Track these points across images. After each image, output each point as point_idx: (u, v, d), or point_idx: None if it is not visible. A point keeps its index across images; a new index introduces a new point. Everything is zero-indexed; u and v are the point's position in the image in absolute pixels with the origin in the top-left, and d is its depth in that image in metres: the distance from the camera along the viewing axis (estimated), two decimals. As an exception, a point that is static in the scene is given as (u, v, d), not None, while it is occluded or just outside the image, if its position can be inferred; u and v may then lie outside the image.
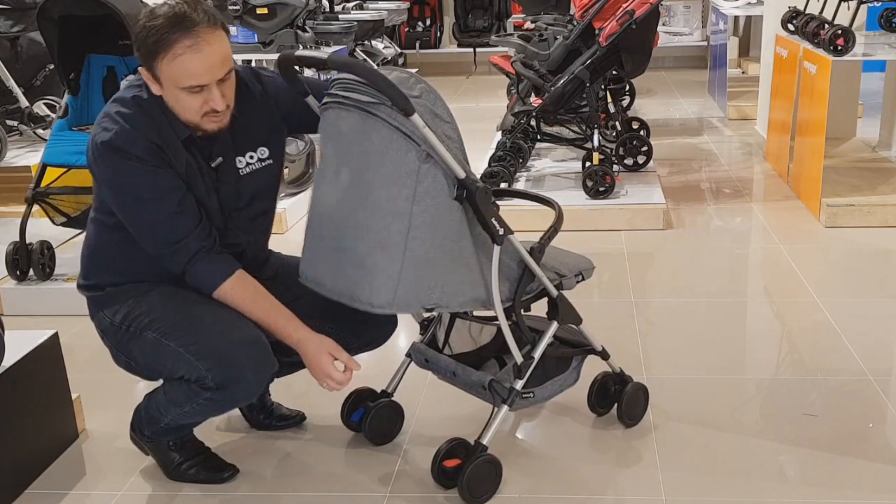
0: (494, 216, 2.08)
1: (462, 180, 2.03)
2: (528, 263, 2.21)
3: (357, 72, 2.00)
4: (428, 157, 1.99)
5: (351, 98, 2.03)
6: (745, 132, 6.31)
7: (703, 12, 8.97)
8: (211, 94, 2.11)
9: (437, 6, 9.66)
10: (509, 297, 2.21)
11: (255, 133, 2.32)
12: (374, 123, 1.99)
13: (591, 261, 2.45)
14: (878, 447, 2.46)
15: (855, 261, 3.88)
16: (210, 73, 2.09)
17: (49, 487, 2.42)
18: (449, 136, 2.03)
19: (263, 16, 4.86)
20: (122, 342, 2.27)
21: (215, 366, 2.14)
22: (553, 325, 2.33)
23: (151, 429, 2.36)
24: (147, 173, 2.14)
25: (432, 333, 2.49)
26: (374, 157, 2.01)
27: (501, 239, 2.11)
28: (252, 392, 2.25)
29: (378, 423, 2.54)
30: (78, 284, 2.37)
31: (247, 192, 2.32)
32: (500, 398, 2.25)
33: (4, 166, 4.80)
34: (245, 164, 2.30)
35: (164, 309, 2.24)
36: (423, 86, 2.03)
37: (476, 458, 2.23)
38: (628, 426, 2.58)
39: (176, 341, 2.18)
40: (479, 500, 2.25)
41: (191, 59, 2.05)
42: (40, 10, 3.41)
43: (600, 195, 4.45)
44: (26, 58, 5.32)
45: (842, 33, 4.23)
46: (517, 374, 2.26)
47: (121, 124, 2.14)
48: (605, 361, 2.54)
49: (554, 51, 4.55)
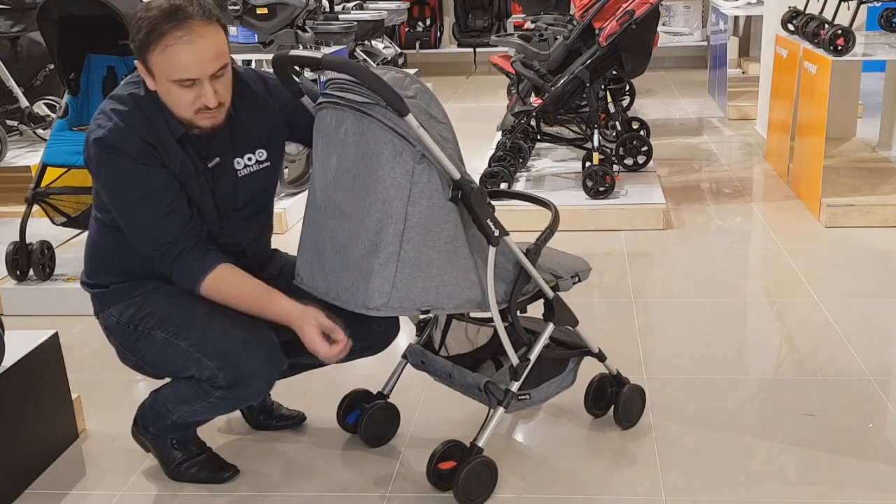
0: (490, 217, 2.07)
1: (457, 181, 2.03)
2: (524, 265, 2.20)
3: (351, 72, 2.00)
4: (422, 158, 1.98)
5: (346, 98, 2.03)
6: (745, 132, 6.31)
7: (703, 12, 8.97)
8: (203, 90, 2.10)
9: (437, 6, 9.66)
10: (505, 298, 2.21)
11: (256, 135, 2.31)
12: (369, 124, 1.99)
13: (587, 262, 2.44)
14: (878, 447, 2.46)
15: (855, 261, 3.88)
16: (201, 67, 2.07)
17: (49, 487, 2.42)
18: (444, 137, 2.02)
19: (263, 16, 4.86)
20: (129, 341, 2.27)
21: (226, 365, 2.15)
22: (549, 326, 2.32)
23: (157, 426, 2.36)
24: (138, 171, 2.13)
25: (429, 335, 2.49)
26: (368, 158, 2.00)
27: (497, 240, 2.10)
28: (262, 391, 2.25)
29: (374, 425, 2.54)
30: (81, 282, 2.37)
31: (244, 194, 2.31)
32: (496, 400, 2.25)
33: (4, 166, 4.81)
34: (243, 165, 2.30)
35: (172, 308, 2.23)
36: (418, 86, 2.03)
37: (471, 461, 2.22)
38: (625, 428, 2.57)
39: (186, 341, 2.18)
40: (474, 502, 2.25)
41: (181, 51, 2.04)
42: (40, 10, 3.41)
43: (600, 195, 4.45)
44: (26, 58, 5.32)
45: (842, 33, 4.23)
46: (513, 375, 2.26)
47: (115, 121, 2.13)
48: (601, 363, 2.54)
49: (554, 51, 4.55)
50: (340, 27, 5.41)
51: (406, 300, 2.05)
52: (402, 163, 1.98)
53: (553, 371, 2.37)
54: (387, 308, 2.05)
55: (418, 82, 2.04)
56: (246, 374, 2.16)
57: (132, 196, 2.15)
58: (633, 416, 2.59)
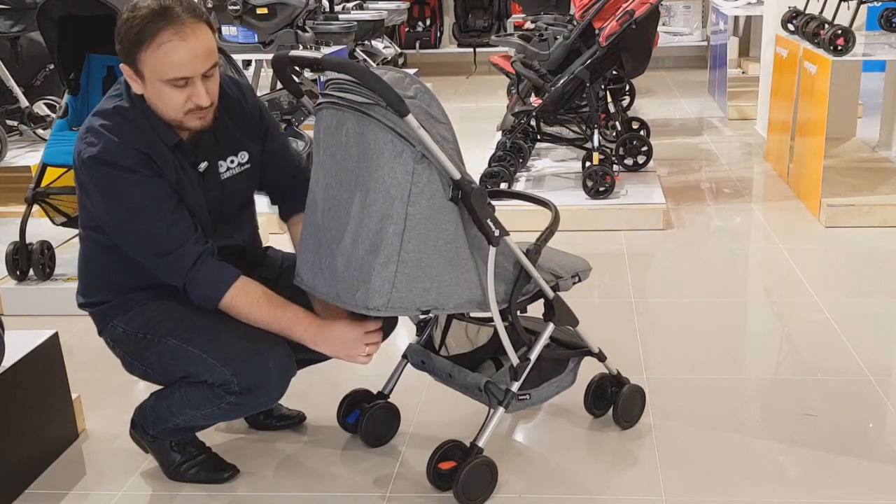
0: (490, 217, 2.07)
1: (457, 181, 2.02)
2: (525, 265, 2.20)
3: (351, 72, 1.99)
4: (423, 158, 1.98)
5: (346, 99, 2.03)
6: (745, 132, 6.31)
7: (703, 12, 8.96)
8: (195, 89, 2.10)
9: (437, 6, 9.65)
10: (505, 298, 2.20)
11: (238, 137, 2.32)
12: (369, 124, 1.98)
13: (587, 262, 2.44)
14: (878, 447, 2.46)
15: (855, 261, 3.88)
16: (194, 65, 2.07)
17: (49, 487, 2.42)
18: (444, 137, 2.02)
19: (263, 16, 4.86)
20: (136, 349, 2.26)
21: (241, 371, 2.14)
22: (549, 326, 2.32)
23: (158, 428, 2.35)
24: (139, 184, 2.11)
25: (429, 335, 2.49)
26: (368, 159, 2.00)
27: (497, 240, 2.09)
28: (275, 397, 2.24)
29: (374, 425, 2.54)
30: (79, 304, 2.34)
31: (231, 195, 2.32)
32: (497, 400, 2.25)
33: (4, 166, 4.80)
34: (225, 168, 2.30)
35: (183, 314, 2.22)
36: (418, 86, 2.02)
37: (472, 461, 2.22)
38: (625, 428, 2.57)
39: (199, 346, 2.17)
40: (474, 502, 2.25)
41: (175, 48, 2.04)
42: (40, 10, 3.41)
43: (600, 195, 4.46)
44: (26, 58, 5.32)
45: (842, 33, 4.23)
46: (513, 375, 2.26)
47: (106, 136, 2.11)
48: (601, 363, 2.54)
49: (554, 51, 4.55)
50: (340, 27, 5.41)
51: (406, 300, 2.05)
52: (402, 163, 1.97)
53: (553, 371, 2.37)
54: (387, 308, 2.04)
55: (418, 82, 2.04)
56: (261, 381, 2.16)
57: (134, 209, 2.12)
58: (633, 416, 2.59)
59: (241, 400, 2.18)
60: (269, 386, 2.18)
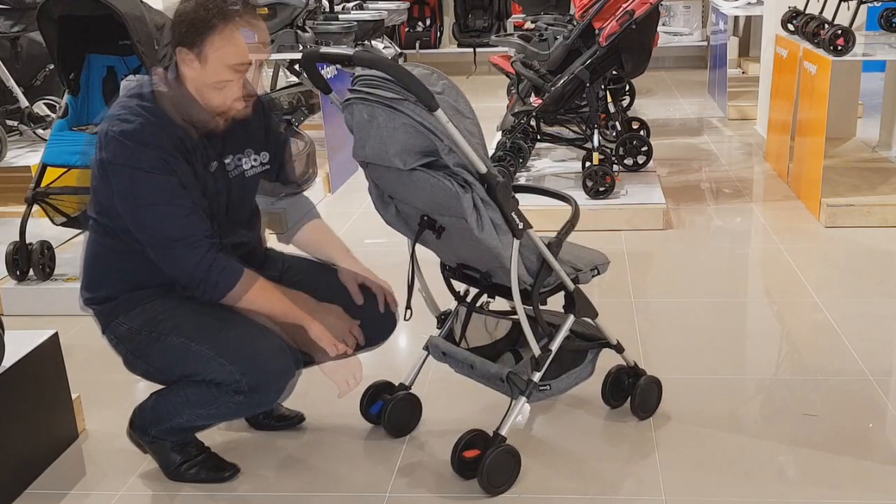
0: (514, 210, 2.12)
1: (483, 175, 2.07)
2: (546, 257, 2.24)
3: (383, 68, 2.01)
4: (450, 152, 2.02)
5: (375, 94, 2.05)
6: (745, 132, 6.31)
7: (703, 12, 8.96)
8: (252, 77, 2.17)
9: (437, 6, 9.65)
10: (528, 287, 2.26)
11: (259, 136, 2.35)
12: (399, 119, 2.02)
13: (605, 255, 2.48)
14: (878, 447, 2.46)
15: (855, 261, 3.88)
16: (259, 53, 2.14)
17: (49, 487, 2.42)
18: (470, 132, 2.06)
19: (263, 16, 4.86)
20: (140, 347, 2.26)
21: (250, 370, 2.15)
22: (570, 318, 2.36)
23: (157, 428, 2.35)
24: (167, 166, 2.12)
25: (449, 327, 2.53)
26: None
27: (521, 232, 2.14)
28: (276, 397, 2.27)
29: (396, 416, 2.56)
30: (84, 299, 2.33)
31: (251, 194, 2.34)
32: (519, 390, 2.29)
33: (4, 166, 4.80)
34: (250, 165, 2.33)
35: (188, 312, 2.23)
36: (445, 82, 2.06)
37: (496, 449, 2.25)
38: (642, 419, 2.60)
39: (206, 345, 2.18)
40: (498, 489, 2.27)
41: (246, 35, 2.11)
42: (40, 10, 3.41)
43: (600, 195, 4.46)
44: (26, 58, 5.31)
45: (842, 33, 4.23)
46: (535, 366, 2.29)
47: (145, 116, 2.12)
48: (619, 354, 2.56)
49: (554, 51, 4.55)
50: (340, 27, 5.41)
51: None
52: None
53: (572, 362, 2.41)
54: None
55: (445, 78, 2.07)
56: (269, 380, 2.18)
57: (162, 190, 2.11)
58: (650, 407, 2.62)
59: (247, 399, 2.19)
60: (276, 385, 2.20)
